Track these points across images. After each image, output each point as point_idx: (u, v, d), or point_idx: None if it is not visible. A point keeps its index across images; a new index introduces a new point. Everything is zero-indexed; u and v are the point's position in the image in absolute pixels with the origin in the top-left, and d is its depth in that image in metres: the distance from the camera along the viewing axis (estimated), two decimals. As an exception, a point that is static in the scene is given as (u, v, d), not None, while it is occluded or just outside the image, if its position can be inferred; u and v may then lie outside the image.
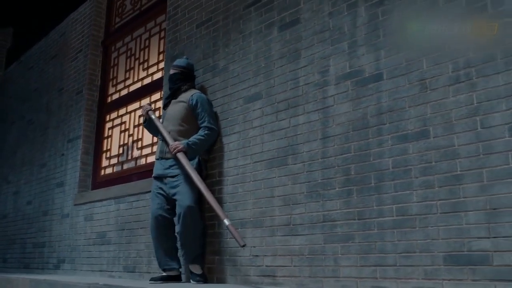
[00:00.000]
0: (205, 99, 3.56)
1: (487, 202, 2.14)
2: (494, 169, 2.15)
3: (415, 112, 2.46)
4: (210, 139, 3.49)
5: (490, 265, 2.09)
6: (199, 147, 3.42)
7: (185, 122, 3.52)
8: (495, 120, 2.18)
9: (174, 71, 3.73)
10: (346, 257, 2.60)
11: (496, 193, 2.12)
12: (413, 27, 2.56)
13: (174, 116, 3.57)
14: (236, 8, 3.70)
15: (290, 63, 3.16)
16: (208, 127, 3.45)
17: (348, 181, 2.68)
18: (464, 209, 2.20)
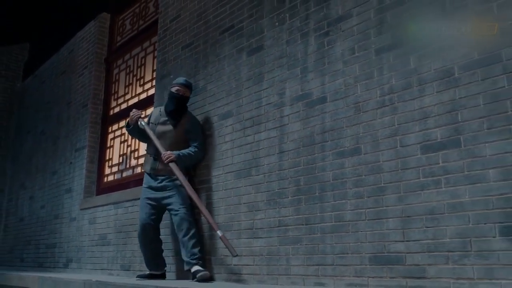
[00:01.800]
0: (199, 123, 3.85)
1: (402, 210, 2.47)
2: (408, 182, 2.48)
3: (351, 132, 2.80)
4: (197, 157, 3.75)
5: (403, 264, 2.42)
6: (187, 161, 3.69)
7: (183, 147, 3.72)
8: (411, 140, 2.51)
9: (188, 93, 3.86)
10: (295, 257, 2.95)
11: (409, 203, 2.45)
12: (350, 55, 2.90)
13: (176, 140, 3.75)
14: (214, 33, 4.08)
15: (255, 85, 3.52)
16: (198, 147, 3.72)
17: (298, 191, 3.03)
18: (385, 217, 2.54)
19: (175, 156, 3.58)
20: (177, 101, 3.77)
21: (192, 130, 3.77)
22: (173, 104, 3.78)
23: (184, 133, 3.77)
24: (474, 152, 2.25)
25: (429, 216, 2.36)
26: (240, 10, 3.84)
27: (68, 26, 6.94)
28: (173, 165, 3.54)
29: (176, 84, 3.82)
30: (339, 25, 3.01)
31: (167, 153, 3.58)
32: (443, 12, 2.50)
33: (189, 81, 3.90)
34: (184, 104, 3.83)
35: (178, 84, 3.80)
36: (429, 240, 2.34)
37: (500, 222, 2.12)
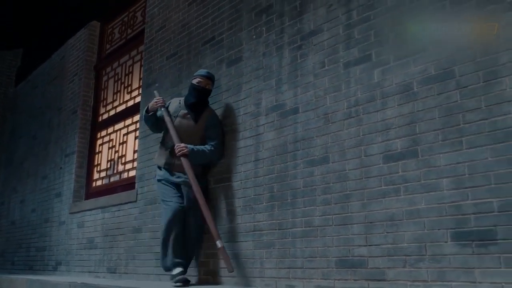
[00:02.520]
0: (220, 121, 3.61)
1: (366, 216, 2.61)
2: (371, 190, 2.61)
3: (320, 141, 2.94)
4: (212, 157, 3.50)
5: (366, 267, 2.55)
6: (200, 158, 3.44)
7: (201, 144, 3.52)
8: (374, 150, 2.65)
9: (210, 86, 3.62)
10: (268, 260, 3.08)
11: (372, 210, 2.59)
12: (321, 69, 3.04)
13: (193, 135, 3.52)
14: (196, 44, 4.21)
15: (234, 95, 3.65)
16: (215, 147, 3.48)
17: (272, 197, 3.16)
18: (350, 222, 2.68)
19: (187, 150, 3.38)
20: (198, 93, 3.53)
21: (211, 127, 3.52)
22: (194, 97, 3.54)
23: (203, 129, 3.52)
24: (429, 162, 2.39)
25: (389, 222, 2.49)
26: (221, 22, 3.98)
27: (60, 33, 7.05)
28: (185, 160, 3.35)
29: (197, 76, 3.58)
30: (311, 39, 3.15)
31: (180, 145, 3.38)
32: (404, 30, 2.64)
33: (211, 73, 3.65)
34: (205, 98, 3.59)
35: (200, 76, 3.56)
36: (389, 244, 2.48)
37: (452, 228, 2.25)
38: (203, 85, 3.54)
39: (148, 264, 4.12)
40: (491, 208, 2.14)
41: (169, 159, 3.50)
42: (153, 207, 4.21)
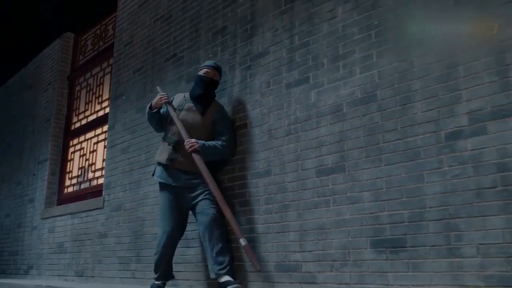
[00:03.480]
0: (229, 115, 3.43)
1: (300, 225, 2.85)
2: (306, 201, 2.86)
3: (264, 155, 3.18)
4: (224, 153, 3.29)
5: (300, 271, 2.80)
6: (212, 154, 3.20)
7: (208, 139, 3.27)
8: (309, 164, 2.89)
9: (217, 77, 3.42)
10: (218, 265, 3.31)
11: (306, 219, 2.83)
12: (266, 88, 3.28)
13: (200, 130, 3.29)
14: (160, 60, 4.43)
15: (192, 109, 3.88)
16: (226, 142, 3.27)
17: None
18: (288, 230, 2.92)
19: (199, 145, 3.14)
20: (205, 85, 3.32)
21: (221, 121, 3.30)
22: (201, 88, 3.32)
23: (211, 124, 3.30)
24: (354, 176, 2.64)
25: (320, 231, 2.74)
26: (182, 40, 4.21)
27: (36, 42, 7.18)
28: (196, 157, 3.11)
29: (204, 67, 3.39)
30: (259, 60, 3.40)
31: (191, 141, 3.13)
32: (336, 56, 2.89)
33: (218, 64, 3.47)
34: (213, 90, 3.39)
35: (207, 66, 3.38)
36: (319, 251, 2.72)
37: (370, 236, 2.51)
38: (211, 76, 3.34)
39: (112, 268, 4.32)
40: (402, 218, 2.40)
41: (172, 154, 3.25)
42: (118, 213, 4.41)
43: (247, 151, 3.30)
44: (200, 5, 4.11)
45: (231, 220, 2.94)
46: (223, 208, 2.99)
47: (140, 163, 4.32)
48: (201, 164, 3.09)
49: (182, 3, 4.35)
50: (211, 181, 3.06)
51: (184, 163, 3.22)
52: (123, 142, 4.63)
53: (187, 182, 3.22)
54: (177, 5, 4.40)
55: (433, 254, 2.27)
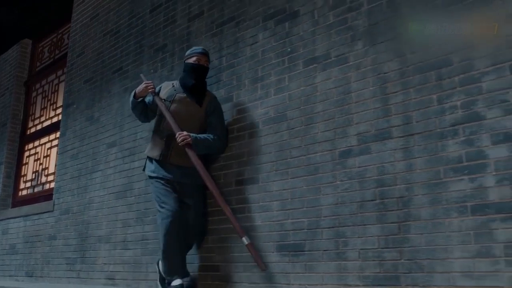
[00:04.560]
0: (221, 107, 3.21)
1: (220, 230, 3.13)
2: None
3: (193, 166, 3.44)
4: (216, 147, 3.12)
5: (218, 272, 3.08)
6: (204, 148, 3.03)
7: (201, 132, 3.11)
8: (231, 175, 3.17)
9: (207, 63, 3.20)
10: (152, 265, 3.55)
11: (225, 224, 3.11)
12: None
13: (194, 122, 3.12)
14: (108, 72, 4.65)
15: (133, 121, 4.11)
16: (219, 135, 3.11)
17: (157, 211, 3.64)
18: (210, 234, 3.19)
19: (191, 139, 2.95)
20: (197, 73, 3.10)
21: (214, 114, 3.12)
22: (193, 77, 3.10)
23: (204, 116, 3.12)
24: (266, 188, 2.94)
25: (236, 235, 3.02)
26: (128, 55, 4.44)
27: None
28: (189, 150, 2.94)
29: (194, 54, 3.16)
30: (192, 78, 3.66)
31: (183, 134, 2.93)
32: (256, 76, 3.18)
33: (206, 50, 3.26)
34: (205, 77, 3.19)
35: (197, 53, 3.15)
36: (236, 253, 3.00)
37: (277, 241, 2.80)
38: (202, 63, 3.13)
39: (60, 268, 4.52)
40: (303, 226, 2.70)
41: (165, 149, 3.07)
42: (67, 216, 4.61)
43: (179, 162, 3.56)
44: (144, 23, 4.35)
45: (231, 218, 2.78)
46: (222, 205, 2.82)
47: (87, 170, 4.53)
48: (195, 158, 2.91)
49: (128, 19, 4.57)
50: (207, 176, 2.90)
51: (177, 158, 3.04)
52: (73, 149, 4.83)
53: (183, 178, 3.05)
54: (124, 21, 4.63)
55: (325, 258, 2.57)
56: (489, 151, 2.11)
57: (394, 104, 2.47)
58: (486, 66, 2.19)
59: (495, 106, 2.13)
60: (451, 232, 2.16)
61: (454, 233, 2.15)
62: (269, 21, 3.22)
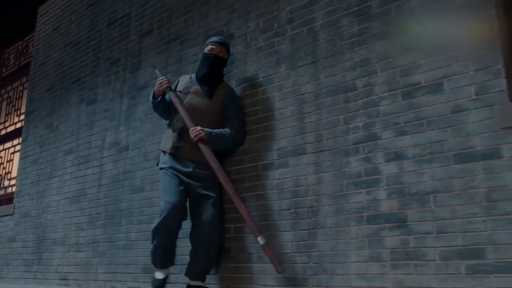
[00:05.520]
0: (239, 100, 3.02)
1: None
2: (167, 214, 3.34)
3: (140, 174, 3.65)
4: (233, 142, 2.93)
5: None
6: (219, 143, 2.85)
7: (217, 126, 2.92)
8: (171, 183, 3.38)
9: (224, 54, 3.03)
10: (101, 266, 3.75)
11: (166, 229, 3.32)
12: (145, 116, 3.75)
13: (208, 115, 2.93)
14: (67, 83, 4.82)
15: (89, 130, 4.30)
16: (236, 129, 2.92)
17: (107, 216, 3.83)
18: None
19: (205, 133, 2.79)
20: (210, 62, 2.95)
21: (230, 106, 2.93)
22: (205, 67, 2.95)
23: (220, 109, 2.93)
24: (201, 196, 3.15)
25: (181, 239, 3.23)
26: (86, 66, 4.62)
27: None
28: (203, 146, 2.77)
29: (209, 43, 3.02)
30: (141, 92, 3.86)
31: (196, 129, 2.78)
32: (195, 94, 3.40)
33: (225, 39, 3.08)
34: (220, 68, 3.00)
35: (212, 43, 3.00)
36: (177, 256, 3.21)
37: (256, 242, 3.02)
38: (216, 52, 2.96)
39: (18, 270, 4.67)
40: (229, 231, 2.93)
41: (177, 142, 2.90)
42: (26, 220, 4.76)
43: (127, 170, 3.77)
44: (101, 37, 4.54)
45: (246, 217, 2.59)
46: (236, 203, 2.64)
47: (46, 175, 4.69)
48: (209, 154, 2.74)
49: (87, 32, 4.75)
50: (221, 173, 2.72)
51: (190, 151, 2.85)
52: (34, 155, 4.98)
53: (195, 172, 2.84)
54: (83, 34, 4.80)
55: (248, 261, 2.80)
56: (382, 167, 2.37)
57: (308, 123, 2.71)
58: (384, 91, 2.45)
59: (389, 127, 2.39)
60: (350, 239, 2.41)
61: (352, 240, 2.40)
62: (209, 41, 3.44)
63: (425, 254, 2.15)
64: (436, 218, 2.15)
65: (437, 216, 2.15)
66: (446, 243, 2.10)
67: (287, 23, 2.98)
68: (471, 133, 2.13)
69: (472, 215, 2.06)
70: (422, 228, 2.19)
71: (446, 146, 2.19)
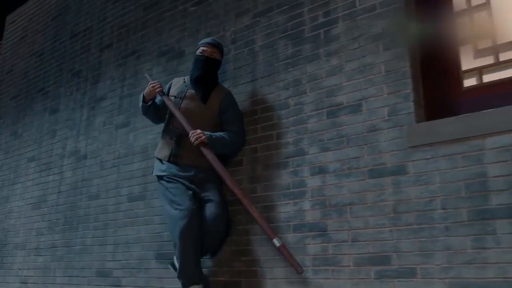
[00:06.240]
0: (237, 103, 2.89)
1: (114, 240, 3.47)
2: (119, 220, 3.47)
3: (96, 182, 3.77)
4: (234, 145, 2.80)
5: (111, 277, 3.41)
6: (220, 147, 2.71)
7: (214, 130, 2.77)
8: (124, 191, 3.51)
9: (217, 55, 2.88)
10: (59, 270, 3.85)
11: (118, 235, 3.45)
12: (102, 127, 3.88)
13: (205, 120, 2.78)
14: (32, 91, 4.90)
15: (51, 138, 4.40)
16: (235, 133, 2.79)
17: (65, 222, 3.94)
18: (106, 243, 3.53)
19: (206, 137, 2.65)
20: (203, 64, 2.80)
21: (229, 109, 2.80)
22: (197, 70, 2.81)
23: (218, 113, 2.80)
24: (150, 203, 3.30)
25: (127, 244, 3.37)
26: (49, 76, 4.72)
27: None
28: (205, 150, 2.64)
29: (201, 45, 2.88)
30: (100, 103, 3.99)
31: (196, 132, 2.64)
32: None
33: (218, 40, 2.94)
34: (213, 70, 2.85)
35: (204, 44, 2.86)
36: (124, 260, 3.35)
37: (156, 250, 3.17)
38: (208, 54, 2.82)
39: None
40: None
41: (175, 149, 2.75)
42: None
43: (85, 178, 3.89)
44: (65, 48, 4.65)
45: (259, 219, 2.46)
46: (247, 205, 2.51)
47: (9, 181, 4.76)
48: (212, 156, 2.62)
49: (52, 43, 4.85)
50: (227, 176, 2.59)
51: (190, 158, 2.73)
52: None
53: (196, 176, 2.72)
54: (48, 45, 4.90)
55: (191, 265, 2.95)
56: (308, 180, 2.55)
57: (247, 137, 2.88)
58: (311, 110, 2.63)
59: (315, 144, 2.57)
60: (279, 246, 2.58)
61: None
62: (162, 57, 3.59)
63: (341, 261, 2.33)
64: (351, 227, 2.33)
65: (352, 226, 2.33)
66: (359, 250, 2.28)
67: (231, 43, 3.15)
68: (383, 151, 2.32)
69: (381, 225, 2.25)
70: (339, 236, 2.37)
71: (362, 162, 2.38)
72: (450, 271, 2.02)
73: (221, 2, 3.30)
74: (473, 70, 2.35)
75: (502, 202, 1.96)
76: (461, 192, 2.06)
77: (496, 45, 2.32)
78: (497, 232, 1.95)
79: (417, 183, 2.18)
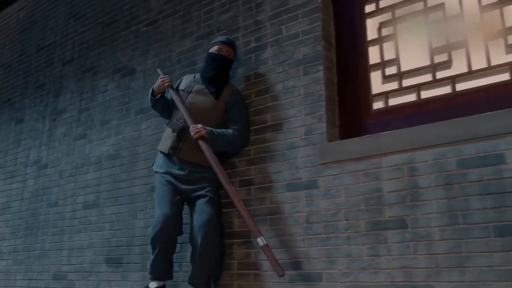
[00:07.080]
0: (244, 101, 2.83)
1: (70, 245, 3.64)
2: (74, 227, 3.64)
3: (56, 190, 3.93)
4: (235, 143, 2.73)
5: (66, 279, 3.58)
6: (221, 143, 2.66)
7: (220, 127, 2.73)
8: (80, 199, 3.68)
9: (232, 55, 2.85)
10: (19, 274, 3.98)
11: (74, 240, 3.62)
12: (64, 138, 4.04)
13: (211, 115, 2.75)
14: (0, 101, 5.04)
15: (16, 147, 4.54)
16: (239, 130, 2.72)
17: (27, 227, 4.09)
18: (62, 248, 3.69)
19: (206, 132, 2.61)
20: (218, 63, 2.77)
21: (235, 107, 2.75)
22: (212, 68, 2.78)
23: (224, 110, 2.76)
24: (102, 211, 3.47)
25: (81, 249, 3.53)
26: (16, 88, 4.85)
27: None
28: (203, 144, 2.58)
29: (216, 43, 2.83)
30: (60, 115, 4.15)
31: (197, 126, 2.61)
32: (104, 119, 3.72)
33: (232, 39, 2.89)
34: (227, 69, 2.82)
35: (219, 43, 2.81)
36: (78, 264, 3.52)
37: (105, 255, 3.34)
38: (224, 54, 2.79)
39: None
40: (123, 243, 3.26)
41: (176, 142, 2.73)
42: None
43: (46, 186, 4.05)
44: (30, 61, 4.79)
45: (246, 217, 2.40)
46: (237, 204, 2.44)
47: (-22, 187, 4.89)
48: (209, 152, 2.56)
49: (19, 56, 4.99)
50: (221, 172, 2.52)
51: (189, 153, 2.70)
52: (-32, 168, 5.17)
53: (191, 175, 2.69)
54: (15, 57, 5.04)
55: (137, 268, 3.14)
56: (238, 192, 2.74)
57: (186, 151, 3.06)
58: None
59: (243, 159, 2.77)
60: (210, 252, 2.77)
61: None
62: (116, 74, 3.76)
63: (262, 266, 2.54)
64: (272, 236, 2.54)
65: (273, 234, 2.54)
66: (277, 257, 2.48)
67: (177, 63, 3.34)
68: (299, 167, 2.53)
69: (296, 234, 2.45)
70: (261, 244, 2.56)
71: (281, 177, 2.58)
72: (350, 275, 2.23)
73: (169, 24, 3.49)
74: (381, 94, 2.57)
75: (393, 214, 2.18)
76: (361, 205, 2.28)
77: (400, 72, 2.54)
78: (387, 241, 2.16)
79: (326, 197, 2.39)
